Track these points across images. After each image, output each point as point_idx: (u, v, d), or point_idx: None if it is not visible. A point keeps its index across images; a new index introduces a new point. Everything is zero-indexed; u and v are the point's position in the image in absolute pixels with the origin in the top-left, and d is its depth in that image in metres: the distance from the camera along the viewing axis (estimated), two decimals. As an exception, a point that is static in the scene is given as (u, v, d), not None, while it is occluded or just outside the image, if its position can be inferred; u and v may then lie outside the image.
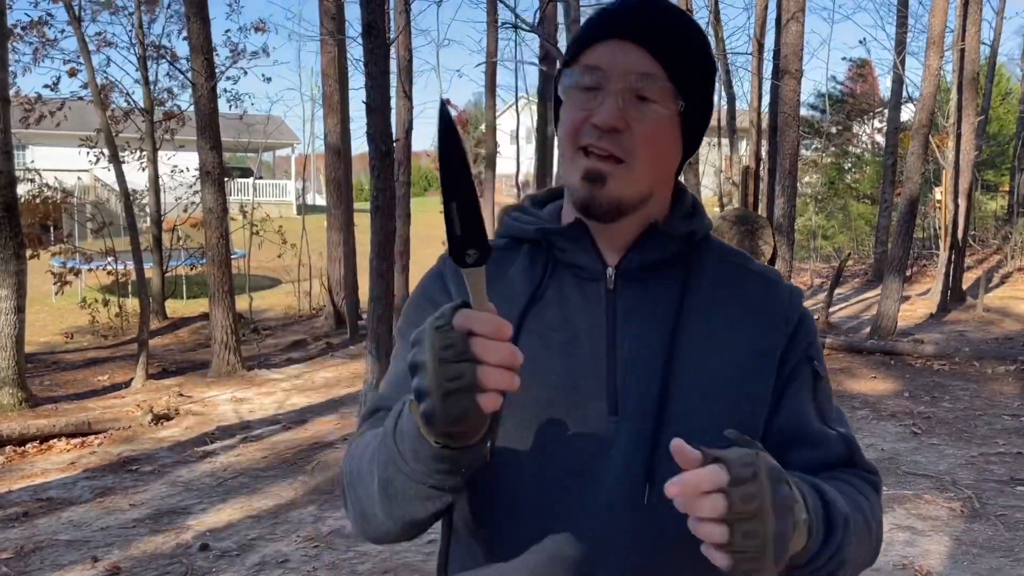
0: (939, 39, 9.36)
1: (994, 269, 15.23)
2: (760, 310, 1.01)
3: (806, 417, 1.00)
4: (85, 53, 9.81)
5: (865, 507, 0.96)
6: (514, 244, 1.05)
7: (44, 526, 4.62)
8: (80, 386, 8.59)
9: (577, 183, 0.94)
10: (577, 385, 0.95)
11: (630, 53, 0.93)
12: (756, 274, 1.04)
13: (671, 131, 0.96)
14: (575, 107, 0.95)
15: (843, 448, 1.01)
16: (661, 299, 0.98)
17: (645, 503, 0.92)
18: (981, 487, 4.94)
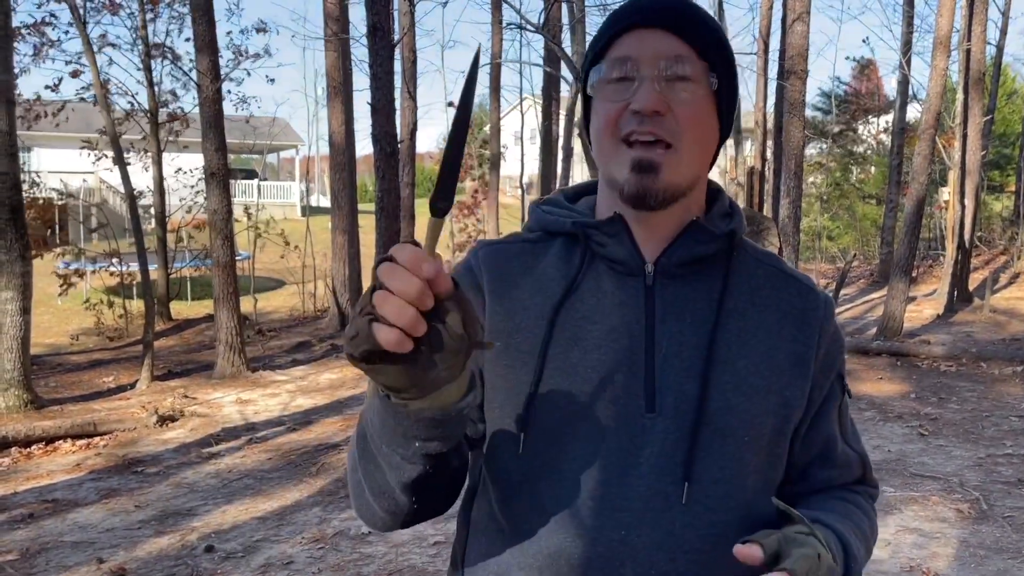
0: (946, 39, 9.33)
1: (1000, 270, 15.17)
2: (798, 316, 1.00)
3: (834, 439, 1.04)
4: (90, 54, 9.83)
5: (866, 528, 1.03)
6: (546, 237, 1.04)
7: (50, 527, 4.61)
8: (85, 387, 8.60)
9: (626, 175, 0.92)
10: (613, 380, 0.94)
11: (657, 38, 0.92)
12: (792, 278, 1.04)
13: (710, 110, 0.95)
14: (609, 100, 0.93)
15: (860, 470, 1.09)
16: (701, 297, 0.97)
17: (683, 502, 0.91)
18: (989, 489, 4.92)
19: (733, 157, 14.48)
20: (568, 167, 14.90)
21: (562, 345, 0.95)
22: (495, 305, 0.99)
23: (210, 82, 8.68)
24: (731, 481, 0.93)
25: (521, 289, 0.99)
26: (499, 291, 1.00)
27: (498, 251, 1.04)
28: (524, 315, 0.98)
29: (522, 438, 0.94)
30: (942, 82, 9.52)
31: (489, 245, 1.05)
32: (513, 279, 1.00)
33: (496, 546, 0.98)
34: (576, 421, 0.93)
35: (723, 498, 0.93)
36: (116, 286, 13.18)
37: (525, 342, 0.96)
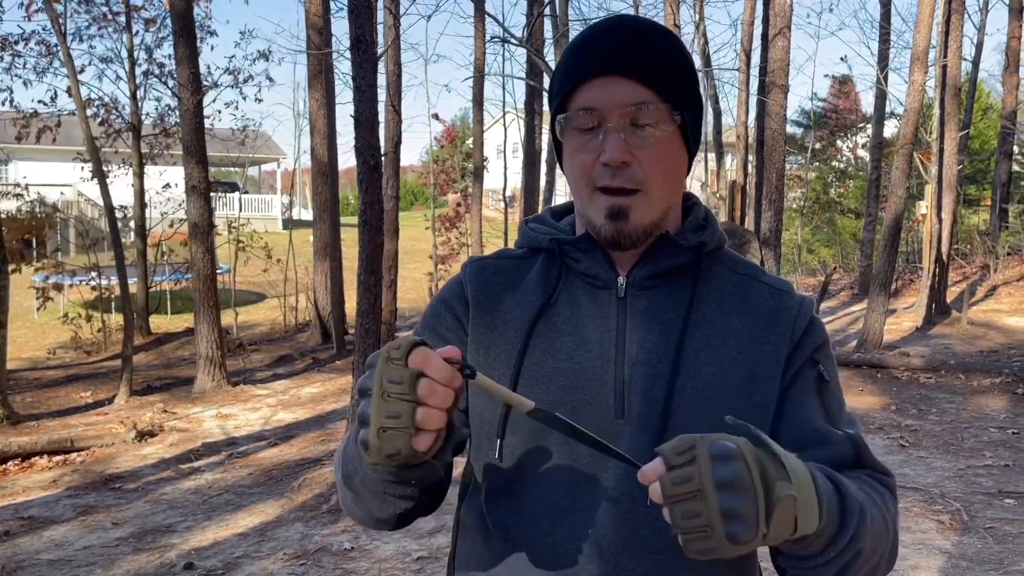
0: (923, 55, 9.46)
1: (978, 283, 15.35)
2: (768, 319, 1.03)
3: (809, 418, 1.00)
4: (70, 67, 9.77)
5: (881, 504, 0.94)
6: (531, 253, 1.10)
7: (25, 545, 4.53)
8: (62, 402, 8.49)
9: (602, 221, 0.99)
10: (584, 387, 0.98)
11: (619, 86, 0.96)
12: (766, 285, 1.07)
13: (675, 147, 1.00)
14: (580, 150, 0.99)
15: (850, 448, 1.00)
16: (670, 307, 1.01)
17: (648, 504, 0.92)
18: (970, 500, 4.95)
19: (715, 171, 14.59)
20: (552, 180, 14.94)
21: (537, 355, 1.00)
22: (478, 318, 1.05)
23: (190, 95, 8.64)
24: None
25: (504, 303, 1.05)
26: (483, 304, 1.06)
27: (485, 266, 1.10)
28: (504, 327, 1.04)
29: (499, 444, 0.99)
30: (919, 97, 9.64)
31: (477, 261, 1.12)
32: (497, 293, 1.07)
33: (481, 546, 1.03)
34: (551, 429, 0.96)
35: None
36: (94, 300, 13.04)
37: (503, 353, 1.02)
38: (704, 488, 0.74)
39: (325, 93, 11.68)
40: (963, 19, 12.44)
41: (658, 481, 0.77)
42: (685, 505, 0.75)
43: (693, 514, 0.74)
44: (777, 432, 1.00)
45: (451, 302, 1.08)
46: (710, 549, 0.75)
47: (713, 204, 14.84)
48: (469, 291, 1.07)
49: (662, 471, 0.76)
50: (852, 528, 0.84)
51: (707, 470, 0.74)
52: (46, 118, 13.90)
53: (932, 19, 9.63)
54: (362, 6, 5.10)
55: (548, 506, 0.97)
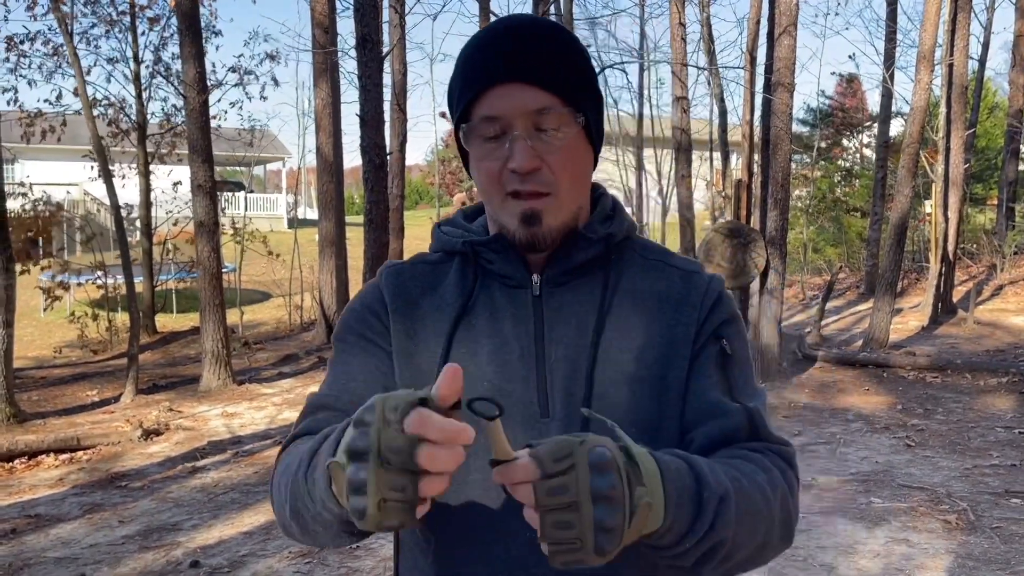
0: (930, 54, 9.43)
1: (984, 282, 15.30)
2: (677, 300, 1.04)
3: (706, 390, 1.01)
4: (77, 68, 9.79)
5: (763, 480, 0.93)
6: (446, 257, 1.10)
7: (32, 543, 4.55)
8: (69, 401, 8.52)
9: (515, 225, 0.99)
10: (508, 390, 0.99)
11: (521, 93, 0.96)
12: (676, 268, 1.08)
13: (581, 148, 1.01)
14: (487, 157, 0.99)
15: (743, 419, 0.99)
16: (584, 301, 1.02)
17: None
18: (976, 500, 4.93)
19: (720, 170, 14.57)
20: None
21: (460, 359, 0.99)
22: (398, 324, 1.05)
23: (196, 94, 8.66)
24: None
25: (422, 308, 1.05)
26: (401, 310, 1.06)
27: (401, 272, 1.10)
28: (424, 333, 1.04)
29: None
30: (926, 96, 9.61)
31: (393, 267, 1.11)
32: (414, 299, 1.06)
33: (420, 561, 1.03)
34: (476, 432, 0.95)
35: None
36: (100, 299, 13.08)
37: (426, 360, 1.02)
38: (580, 500, 0.72)
39: (330, 92, 11.69)
40: (969, 17, 12.40)
41: (530, 486, 0.73)
42: (558, 515, 0.72)
43: (566, 525, 0.72)
44: (685, 411, 1.01)
45: (374, 307, 1.07)
46: (578, 560, 0.73)
47: (718, 203, 14.81)
48: (387, 297, 1.07)
49: (536, 476, 0.73)
50: (708, 520, 0.82)
51: (585, 481, 0.72)
52: (51, 117, 13.94)
53: (939, 18, 9.59)
54: (368, 5, 5.10)
55: (485, 514, 0.97)
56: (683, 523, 0.81)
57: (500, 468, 0.74)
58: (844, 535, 4.42)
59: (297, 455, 0.91)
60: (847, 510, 4.80)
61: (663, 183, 17.97)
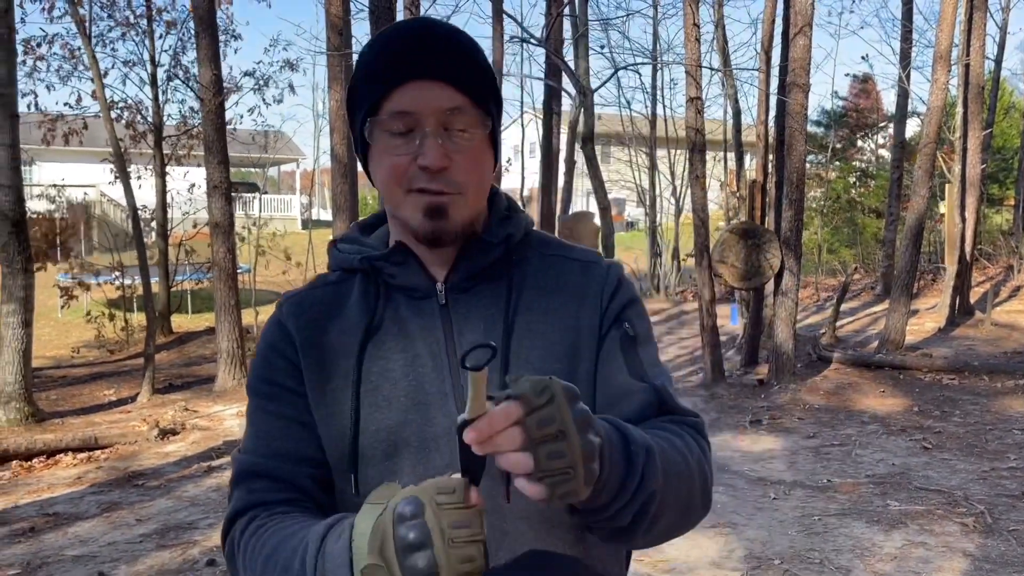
0: (946, 54, 9.37)
1: (1001, 283, 15.17)
2: (580, 293, 1.06)
3: (614, 374, 1.03)
4: (95, 70, 9.88)
5: (680, 445, 0.95)
6: (346, 276, 1.08)
7: (51, 541, 4.59)
8: (86, 400, 8.59)
9: (420, 220, 0.98)
10: (426, 401, 0.99)
11: (434, 91, 0.96)
12: (576, 261, 1.09)
13: (486, 151, 1.02)
14: (392, 153, 0.98)
15: (652, 396, 1.02)
16: (490, 304, 1.03)
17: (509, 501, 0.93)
18: (993, 502, 4.90)
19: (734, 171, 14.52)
20: (570, 180, 14.92)
21: (373, 381, 1.00)
22: (308, 358, 1.03)
23: (212, 96, 8.71)
24: None
25: (329, 334, 1.04)
26: (309, 340, 1.04)
27: (302, 301, 1.08)
28: (335, 360, 1.02)
29: (353, 478, 0.98)
30: (943, 96, 9.55)
31: (293, 297, 1.09)
32: (321, 326, 1.04)
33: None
34: (401, 450, 0.98)
35: None
36: (117, 299, 13.18)
37: (339, 388, 1.01)
38: (567, 428, 0.73)
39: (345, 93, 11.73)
40: (986, 17, 12.30)
41: (517, 428, 0.73)
42: (550, 446, 0.73)
43: (558, 455, 0.73)
44: (595, 396, 1.03)
45: (279, 346, 1.05)
46: (573, 492, 0.75)
47: (732, 204, 14.76)
48: (292, 331, 1.05)
49: (521, 413, 0.73)
50: (638, 472, 0.83)
51: (567, 410, 0.74)
52: (71, 120, 14.07)
53: (955, 18, 9.53)
54: (383, 7, 5.13)
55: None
56: (616, 476, 0.82)
57: (477, 423, 0.73)
58: (860, 538, 4.40)
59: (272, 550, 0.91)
60: (863, 512, 4.78)
61: (676, 183, 17.92)
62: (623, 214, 30.86)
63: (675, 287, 17.17)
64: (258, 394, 1.06)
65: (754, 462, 5.88)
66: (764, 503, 4.98)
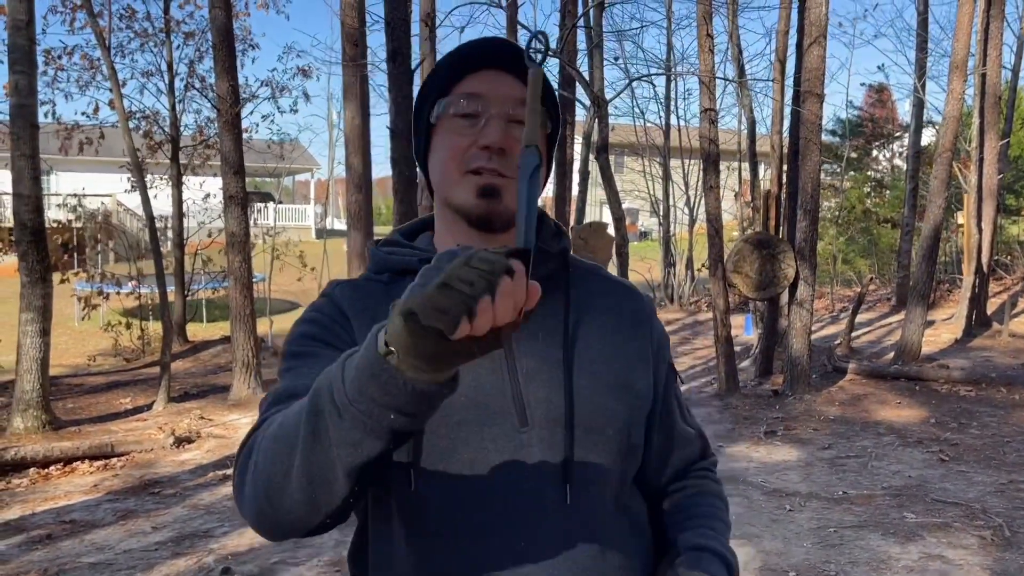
0: (962, 63, 9.34)
1: (1019, 294, 15.05)
2: (631, 316, 1.13)
3: (675, 420, 1.18)
4: (114, 81, 9.99)
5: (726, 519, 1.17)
6: (395, 278, 1.08)
7: (67, 549, 4.63)
8: (103, 408, 8.65)
9: (473, 200, 1.01)
10: (485, 403, 1.00)
11: (506, 81, 1.01)
12: (619, 283, 1.16)
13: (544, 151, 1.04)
14: (456, 133, 1.01)
15: (700, 444, 1.23)
16: (548, 313, 1.05)
17: (567, 503, 0.98)
18: (1012, 515, 4.85)
19: (748, 181, 14.49)
20: (584, 189, 14.94)
21: None
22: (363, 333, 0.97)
23: (229, 106, 8.79)
24: (604, 476, 1.03)
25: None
26: (364, 321, 1.02)
27: (356, 287, 1.08)
28: None
29: (412, 474, 0.98)
30: (959, 106, 9.51)
31: (345, 282, 1.10)
32: (373, 314, 1.02)
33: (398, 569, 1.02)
34: (458, 449, 0.98)
35: (600, 493, 1.03)
36: (133, 308, 13.27)
37: None
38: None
39: (360, 104, 11.80)
40: (1002, 26, 12.25)
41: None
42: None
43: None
44: (652, 426, 1.13)
45: (335, 317, 1.03)
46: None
47: (746, 214, 14.73)
48: (347, 310, 1.04)
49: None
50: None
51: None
52: (88, 129, 14.22)
53: (971, 27, 9.50)
54: (399, 20, 5.17)
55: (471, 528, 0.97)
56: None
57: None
58: (876, 550, 4.36)
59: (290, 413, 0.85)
60: (879, 525, 4.74)
61: (690, 193, 17.89)
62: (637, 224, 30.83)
63: (689, 297, 17.12)
64: (303, 350, 1.02)
65: (769, 473, 5.85)
66: (779, 515, 4.95)
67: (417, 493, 0.98)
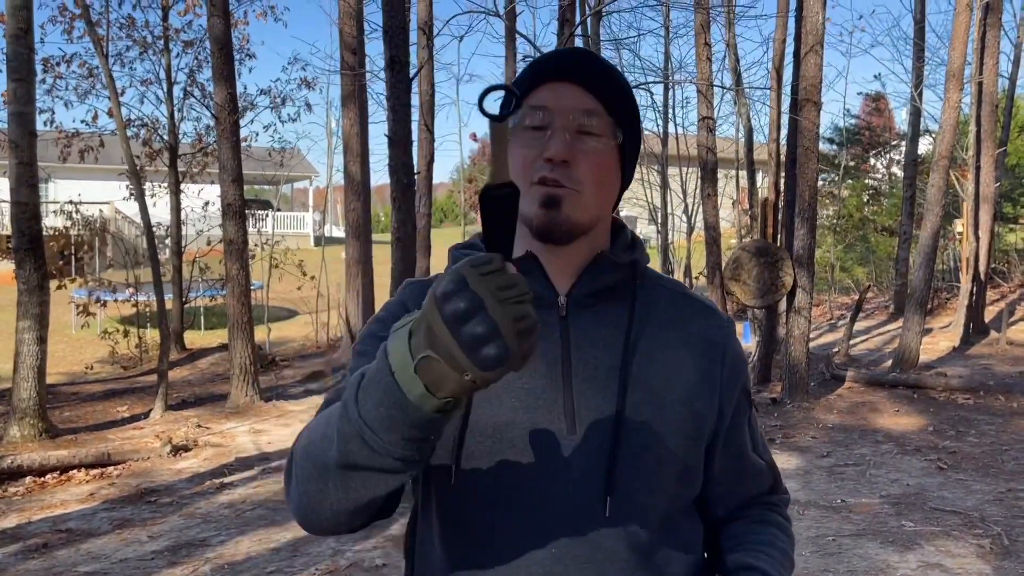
0: (959, 72, 9.37)
1: (1017, 302, 15.06)
2: (702, 335, 1.10)
3: (744, 449, 1.15)
4: (112, 89, 10.00)
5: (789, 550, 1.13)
6: None
7: (63, 558, 4.61)
8: (99, 417, 8.63)
9: (535, 210, 1.01)
10: (535, 406, 1.00)
11: (572, 93, 1.02)
12: (695, 300, 1.14)
13: (612, 162, 1.05)
14: (525, 145, 1.02)
15: (771, 478, 1.20)
16: (610, 323, 1.05)
17: (607, 515, 0.97)
18: (1011, 524, 4.84)
19: (746, 189, 14.51)
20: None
21: None
22: None
23: (227, 115, 8.80)
24: (650, 492, 1.01)
25: None
26: None
27: (424, 287, 1.10)
28: None
29: (454, 469, 0.99)
30: (955, 115, 9.53)
31: (416, 283, 1.13)
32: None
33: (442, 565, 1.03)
34: (504, 448, 0.99)
35: (643, 508, 1.00)
36: (131, 316, 13.26)
37: None
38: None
39: (358, 112, 11.83)
40: (999, 35, 12.29)
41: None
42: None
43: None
44: (713, 451, 1.10)
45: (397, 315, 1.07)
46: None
47: (744, 222, 14.74)
48: (411, 306, 1.06)
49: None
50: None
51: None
52: (87, 137, 14.23)
53: (967, 35, 9.53)
54: (397, 28, 5.18)
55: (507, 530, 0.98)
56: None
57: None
58: (875, 559, 4.35)
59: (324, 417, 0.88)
60: (878, 533, 4.73)
61: (688, 201, 17.92)
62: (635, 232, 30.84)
63: (687, 305, 17.07)
64: (359, 354, 1.05)
65: (767, 482, 5.83)
66: (778, 523, 4.93)
67: (456, 490, 0.99)
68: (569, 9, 10.43)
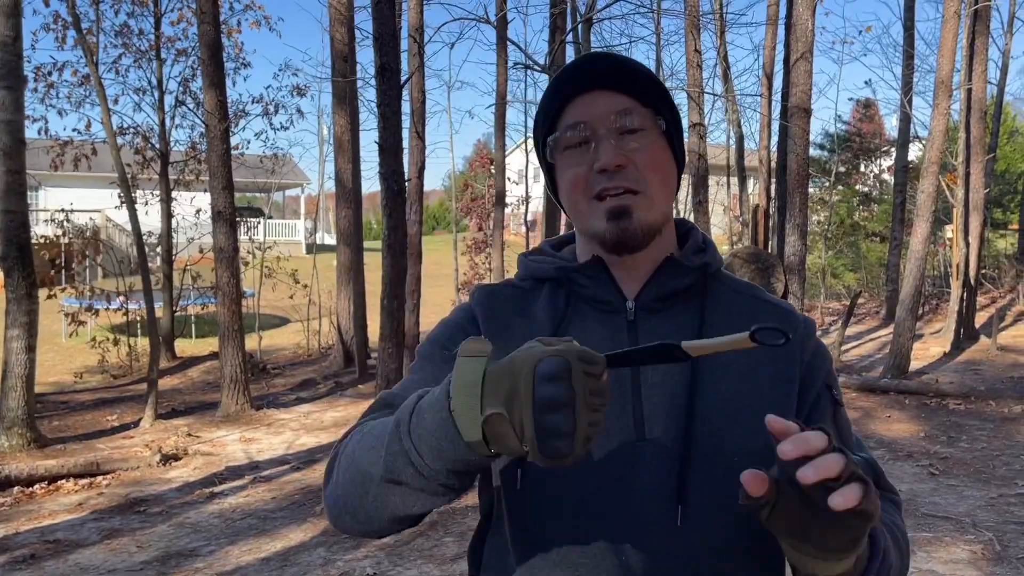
0: (948, 79, 9.42)
1: (1006, 307, 15.13)
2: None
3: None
4: (102, 97, 9.97)
5: (897, 532, 0.99)
6: (536, 285, 1.10)
7: (51, 568, 4.56)
8: (89, 426, 8.57)
9: (603, 225, 1.00)
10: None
11: (602, 98, 1.01)
12: (770, 304, 1.09)
13: (664, 149, 1.03)
14: (573, 164, 1.01)
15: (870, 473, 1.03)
16: (680, 327, 1.02)
17: (678, 524, 0.94)
18: (1002, 529, 4.84)
19: (737, 195, 14.55)
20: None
21: None
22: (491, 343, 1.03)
23: (217, 121, 8.77)
24: (724, 501, 0.95)
25: (514, 328, 1.04)
26: (494, 330, 1.05)
27: (493, 293, 1.11)
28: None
29: (519, 474, 0.97)
30: (945, 121, 9.59)
31: (486, 288, 1.13)
32: (505, 319, 1.06)
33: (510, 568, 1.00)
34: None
35: (716, 518, 0.96)
36: (121, 324, 13.19)
37: None
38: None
39: (350, 119, 11.82)
40: (987, 42, 12.39)
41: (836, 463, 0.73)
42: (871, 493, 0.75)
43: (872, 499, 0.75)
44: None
45: (464, 326, 1.08)
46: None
47: (736, 229, 14.78)
48: (480, 317, 1.08)
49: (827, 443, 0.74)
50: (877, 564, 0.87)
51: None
52: (79, 145, 14.17)
53: (956, 43, 9.59)
54: (387, 35, 5.18)
55: (575, 537, 0.95)
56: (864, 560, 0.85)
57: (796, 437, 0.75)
58: (867, 565, 4.34)
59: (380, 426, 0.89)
60: (870, 539, 4.72)
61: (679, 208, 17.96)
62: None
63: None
64: (428, 355, 1.07)
65: (760, 488, 5.83)
66: (770, 530, 4.93)
67: (524, 494, 0.97)
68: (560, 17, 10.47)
